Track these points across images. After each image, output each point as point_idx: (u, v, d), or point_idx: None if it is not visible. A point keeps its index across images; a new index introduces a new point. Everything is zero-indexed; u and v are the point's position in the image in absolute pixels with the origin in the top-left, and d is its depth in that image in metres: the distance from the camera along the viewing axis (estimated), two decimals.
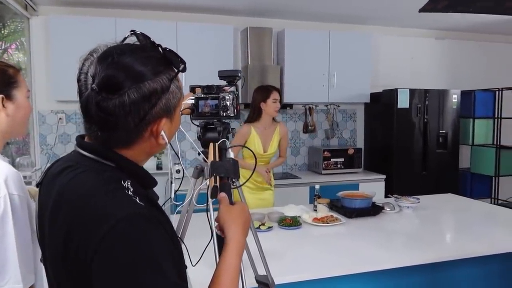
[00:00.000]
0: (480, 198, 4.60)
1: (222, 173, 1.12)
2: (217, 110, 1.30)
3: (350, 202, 2.64)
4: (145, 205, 0.73)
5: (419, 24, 4.81)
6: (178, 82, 0.81)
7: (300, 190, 3.97)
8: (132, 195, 0.74)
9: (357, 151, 4.37)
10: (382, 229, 2.40)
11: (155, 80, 0.76)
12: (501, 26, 4.84)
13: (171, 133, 0.84)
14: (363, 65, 4.41)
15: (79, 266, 0.70)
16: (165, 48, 0.80)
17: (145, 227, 0.70)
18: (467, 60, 5.21)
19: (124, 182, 0.76)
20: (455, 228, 2.54)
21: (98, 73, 0.74)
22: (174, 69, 0.80)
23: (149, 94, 0.75)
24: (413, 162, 4.40)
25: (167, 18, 4.03)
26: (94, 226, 0.69)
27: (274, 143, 3.02)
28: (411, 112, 4.34)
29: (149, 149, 0.83)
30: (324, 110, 4.68)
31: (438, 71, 5.11)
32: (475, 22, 4.62)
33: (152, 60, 0.77)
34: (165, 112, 0.79)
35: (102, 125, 0.76)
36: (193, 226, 1.58)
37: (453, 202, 3.11)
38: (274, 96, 2.93)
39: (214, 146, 1.25)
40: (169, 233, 0.76)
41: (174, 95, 0.80)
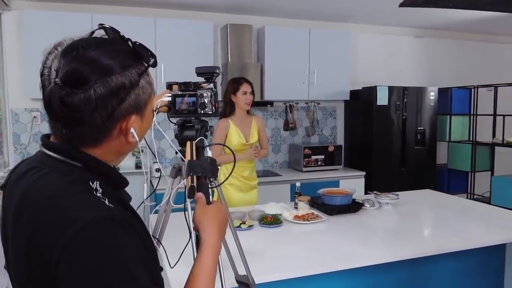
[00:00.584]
0: (457, 193, 4.70)
1: (200, 172, 1.09)
2: (195, 107, 1.27)
3: (331, 199, 2.65)
4: (115, 207, 0.70)
5: (398, 22, 4.86)
6: (148, 77, 0.78)
7: (281, 187, 3.96)
8: (101, 196, 0.70)
9: (337, 148, 4.40)
10: (363, 225, 2.41)
11: (123, 74, 0.72)
12: (477, 25, 4.94)
13: (142, 131, 0.81)
14: (343, 62, 4.43)
15: (44, 271, 0.66)
16: (135, 42, 0.76)
17: (114, 230, 0.66)
18: (444, 58, 5.30)
19: (92, 183, 0.72)
20: (434, 224, 2.57)
21: (61, 67, 0.70)
22: (144, 63, 0.76)
23: (117, 88, 0.71)
24: (392, 159, 4.45)
25: (145, 14, 3.95)
26: (59, 229, 0.65)
27: (254, 132, 3.00)
28: (390, 109, 4.39)
29: (118, 148, 0.79)
30: (304, 107, 4.69)
31: (416, 68, 5.19)
32: (452, 20, 4.71)
33: (120, 53, 0.73)
34: (134, 109, 0.75)
35: (66, 122, 0.72)
36: (171, 226, 1.54)
37: (431, 198, 3.15)
38: (244, 88, 2.89)
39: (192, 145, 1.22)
40: (141, 235, 0.72)
41: (144, 90, 0.76)
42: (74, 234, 0.64)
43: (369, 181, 4.30)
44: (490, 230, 2.38)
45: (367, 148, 4.45)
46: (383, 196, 2.81)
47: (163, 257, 1.31)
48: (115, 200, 0.71)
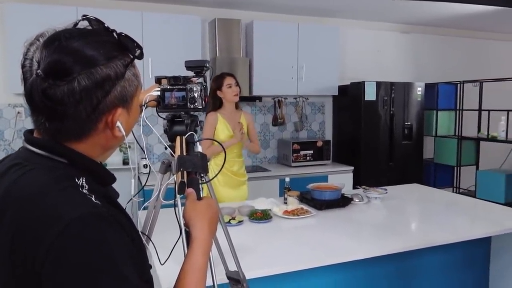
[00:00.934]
0: (443, 187, 4.76)
1: (190, 167, 1.07)
2: (184, 102, 1.25)
3: (320, 194, 2.66)
4: (102, 203, 0.68)
5: (386, 18, 4.89)
6: (134, 69, 0.76)
7: (270, 183, 3.97)
8: (87, 193, 0.68)
9: (325, 143, 4.41)
10: (352, 220, 2.42)
11: (108, 66, 0.70)
12: (462, 21, 5.00)
13: (129, 125, 0.78)
14: (331, 57, 4.44)
15: (29, 270, 0.64)
16: (120, 33, 0.74)
17: (101, 227, 0.65)
18: (430, 54, 5.36)
19: (78, 179, 0.70)
20: (421, 218, 2.60)
21: (43, 58, 0.67)
22: (129, 55, 0.74)
23: (101, 80, 0.69)
24: (380, 153, 4.49)
25: (132, 8, 3.89)
26: (44, 227, 0.63)
27: (243, 126, 2.99)
28: (378, 104, 4.42)
29: (104, 143, 0.76)
30: (293, 102, 4.69)
31: (403, 64, 5.23)
32: (438, 16, 4.75)
33: (105, 44, 0.71)
34: (120, 101, 0.73)
35: (49, 115, 0.70)
36: (161, 222, 1.53)
37: (418, 192, 3.19)
38: (227, 81, 2.89)
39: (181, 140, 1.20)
40: (129, 232, 0.70)
41: (131, 83, 0.74)
42: (60, 232, 0.62)
43: (357, 176, 4.33)
44: (476, 223, 2.42)
45: (355, 143, 4.47)
46: (371, 190, 2.83)
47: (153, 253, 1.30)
48: (102, 197, 0.70)
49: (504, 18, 4.77)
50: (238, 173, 3.00)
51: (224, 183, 2.91)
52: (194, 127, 1.29)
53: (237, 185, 2.99)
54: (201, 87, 1.25)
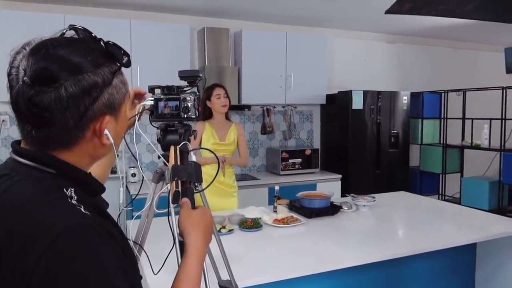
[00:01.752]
0: (429, 195, 4.84)
1: (184, 177, 1.08)
2: (178, 111, 1.26)
3: (310, 202, 2.68)
4: (92, 214, 0.67)
5: (372, 28, 4.98)
6: (122, 77, 0.76)
7: (260, 191, 3.98)
8: (76, 204, 0.68)
9: (314, 151, 4.46)
10: (341, 228, 2.45)
11: (95, 73, 0.70)
12: (446, 32, 5.13)
13: (118, 133, 0.78)
14: (319, 66, 4.50)
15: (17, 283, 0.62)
16: (108, 41, 0.74)
17: (91, 238, 0.64)
18: (415, 63, 5.47)
19: (67, 190, 0.69)
20: (408, 225, 2.65)
21: (30, 65, 0.67)
22: (117, 63, 0.74)
23: (89, 87, 0.69)
24: (367, 162, 4.55)
25: (121, 16, 3.89)
26: (33, 239, 0.62)
27: (231, 134, 3.01)
28: (365, 113, 4.48)
29: (92, 151, 0.76)
30: (281, 111, 4.73)
31: (389, 73, 5.33)
32: (423, 27, 4.87)
33: (92, 52, 0.71)
34: (108, 109, 0.73)
35: (36, 122, 0.69)
36: (153, 232, 1.53)
37: (405, 200, 3.24)
38: (217, 91, 2.93)
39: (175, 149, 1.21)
40: (120, 243, 0.70)
41: (118, 90, 0.74)
42: (49, 243, 0.61)
43: (346, 184, 4.38)
44: (461, 230, 2.47)
45: (343, 151, 4.53)
46: (360, 198, 2.87)
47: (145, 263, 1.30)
48: (91, 207, 0.69)
49: (487, 30, 4.92)
50: (226, 183, 3.00)
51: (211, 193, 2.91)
52: (188, 136, 1.30)
53: (225, 195, 2.99)
54: (194, 97, 1.27)
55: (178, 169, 1.09)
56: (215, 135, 2.95)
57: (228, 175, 3.02)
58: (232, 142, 3.02)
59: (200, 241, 0.91)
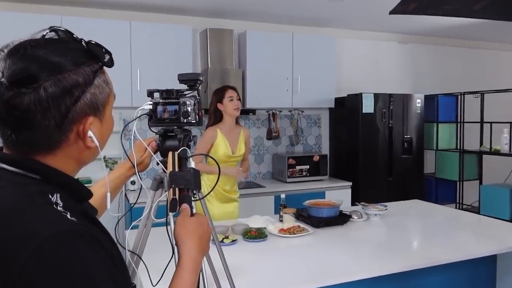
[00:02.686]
0: (445, 203, 4.80)
1: (182, 184, 1.09)
2: (177, 116, 1.27)
3: (317, 211, 2.68)
4: (79, 220, 0.68)
5: (382, 28, 4.99)
6: (105, 76, 0.77)
7: (265, 199, 3.98)
8: (62, 210, 0.68)
9: (322, 157, 4.45)
10: (351, 238, 2.44)
11: (76, 72, 0.71)
12: (462, 31, 5.12)
13: (103, 136, 0.79)
14: (327, 69, 4.51)
15: None
16: (89, 41, 0.75)
17: (78, 245, 0.64)
18: (429, 64, 5.46)
19: (52, 196, 0.70)
20: (422, 235, 2.63)
21: (8, 67, 0.68)
22: (99, 62, 0.75)
23: (69, 86, 0.70)
24: (379, 168, 4.53)
25: (120, 17, 3.93)
26: (16, 247, 0.62)
27: (241, 144, 3.03)
28: (376, 117, 4.48)
29: (77, 155, 0.77)
30: (288, 115, 4.74)
31: (401, 75, 5.32)
32: (437, 26, 4.86)
33: (72, 51, 0.72)
34: (91, 109, 0.74)
35: (16, 126, 0.70)
36: (152, 242, 1.54)
37: (419, 208, 3.22)
38: (229, 94, 2.94)
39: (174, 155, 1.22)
40: (109, 251, 0.70)
41: (101, 90, 0.75)
42: (33, 252, 0.61)
43: (356, 192, 4.36)
44: (480, 241, 2.45)
45: (353, 158, 4.52)
46: (371, 207, 2.86)
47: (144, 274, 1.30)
48: (78, 214, 0.69)
49: (504, 28, 4.90)
50: (230, 191, 3.02)
51: (212, 199, 2.92)
52: (187, 142, 1.31)
53: (227, 201, 3.00)
54: (194, 101, 1.28)
55: (175, 176, 1.10)
56: (228, 145, 2.94)
57: (233, 183, 3.03)
58: (241, 155, 3.04)
59: (194, 251, 0.91)
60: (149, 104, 1.29)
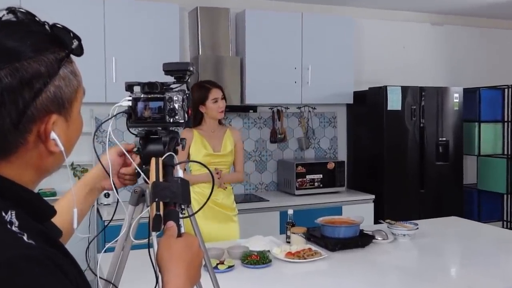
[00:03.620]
0: (490, 221, 4.80)
1: (167, 197, 1.09)
2: (162, 114, 1.28)
3: (333, 231, 2.68)
4: (38, 243, 0.68)
5: (411, 6, 5.00)
6: (72, 67, 0.77)
7: (268, 216, 3.98)
8: (17, 231, 0.68)
9: (338, 165, 4.46)
10: (374, 263, 2.45)
11: (37, 60, 0.71)
12: (510, 9, 5.11)
13: (69, 139, 0.79)
14: (344, 56, 4.52)
15: None
16: (54, 23, 0.75)
17: (35, 273, 0.64)
18: (470, 51, 5.46)
19: (6, 214, 0.69)
20: (462, 261, 2.63)
21: None
22: (65, 49, 0.75)
23: (29, 77, 0.70)
24: (408, 178, 4.53)
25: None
26: None
27: (227, 143, 3.04)
28: (404, 115, 4.48)
29: (38, 162, 0.76)
30: (296, 113, 4.75)
31: (435, 64, 5.33)
32: (479, 3, 4.86)
33: (32, 35, 0.72)
34: (55, 106, 0.74)
35: None
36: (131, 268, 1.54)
37: (458, 227, 3.22)
38: (214, 94, 2.95)
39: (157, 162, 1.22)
40: (74, 280, 0.70)
41: (68, 82, 0.75)
42: None
43: (380, 207, 4.37)
44: None
45: (376, 165, 4.52)
46: (398, 225, 2.86)
47: None
48: (37, 235, 0.69)
49: None
50: (224, 205, 3.02)
51: (205, 216, 2.92)
52: (174, 146, 1.31)
53: (223, 220, 3.01)
54: (183, 96, 1.28)
55: (159, 187, 1.10)
56: (207, 144, 2.96)
57: (226, 194, 3.04)
58: (230, 152, 3.05)
59: (182, 279, 0.92)
60: (128, 100, 1.29)
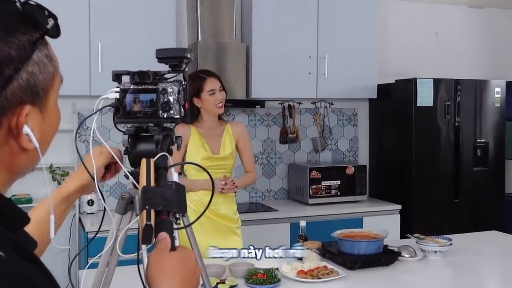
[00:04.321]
0: None
1: (160, 205, 1.10)
2: (154, 108, 1.28)
3: (352, 246, 2.67)
4: (8, 255, 0.68)
5: None
6: (47, 50, 0.77)
7: (277, 229, 3.98)
8: None
9: (359, 169, 4.45)
10: (400, 284, 2.45)
11: (7, 42, 0.70)
12: None
13: (45, 134, 0.80)
14: (367, 43, 4.51)
15: None
16: (27, 0, 0.76)
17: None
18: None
19: None
20: (503, 282, 2.61)
21: None
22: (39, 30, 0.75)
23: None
24: (441, 185, 4.51)
25: None
26: None
27: (226, 142, 3.05)
28: (436, 112, 4.46)
29: (9, 160, 0.76)
30: (310, 109, 4.74)
31: (473, 53, 5.30)
32: None
33: (2, 15, 0.72)
34: (29, 95, 0.74)
35: None
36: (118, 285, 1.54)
37: (498, 243, 3.21)
38: (210, 85, 2.95)
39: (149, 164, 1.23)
40: None
41: (43, 68, 0.76)
42: None
43: (407, 219, 4.35)
44: None
45: (404, 170, 4.51)
46: (428, 241, 2.85)
47: None
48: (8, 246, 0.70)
49: None
50: (226, 216, 3.03)
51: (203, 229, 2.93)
52: (168, 145, 1.32)
53: (225, 233, 3.01)
54: (178, 88, 1.29)
55: (151, 193, 1.10)
56: (206, 145, 2.95)
57: (228, 202, 3.04)
58: (229, 155, 3.05)
59: None
60: (115, 91, 1.30)
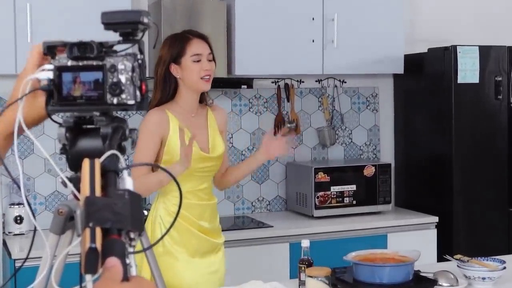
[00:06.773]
0: None
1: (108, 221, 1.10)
2: (100, 92, 1.28)
3: (373, 273, 2.69)
4: None
5: None
6: None
7: (272, 250, 4.00)
8: None
9: (381, 170, 4.47)
10: None
11: None
12: None
13: None
14: (390, 2, 4.53)
15: None
16: None
17: None
18: None
19: None
20: None
21: None
22: None
23: None
24: (490, 191, 4.54)
25: None
26: None
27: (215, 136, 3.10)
28: (484, 90, 4.49)
29: None
30: (315, 89, 4.76)
31: None
32: None
33: None
34: None
35: None
36: None
37: None
38: (196, 48, 2.96)
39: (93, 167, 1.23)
40: None
41: None
42: None
43: (446, 235, 4.38)
44: None
45: (441, 170, 4.53)
46: (474, 264, 2.87)
47: None
48: None
49: None
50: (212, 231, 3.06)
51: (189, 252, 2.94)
52: (120, 141, 1.32)
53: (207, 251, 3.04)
54: (133, 64, 1.28)
55: (96, 205, 1.11)
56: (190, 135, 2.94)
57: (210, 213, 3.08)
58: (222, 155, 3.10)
59: None
60: (47, 69, 1.30)
